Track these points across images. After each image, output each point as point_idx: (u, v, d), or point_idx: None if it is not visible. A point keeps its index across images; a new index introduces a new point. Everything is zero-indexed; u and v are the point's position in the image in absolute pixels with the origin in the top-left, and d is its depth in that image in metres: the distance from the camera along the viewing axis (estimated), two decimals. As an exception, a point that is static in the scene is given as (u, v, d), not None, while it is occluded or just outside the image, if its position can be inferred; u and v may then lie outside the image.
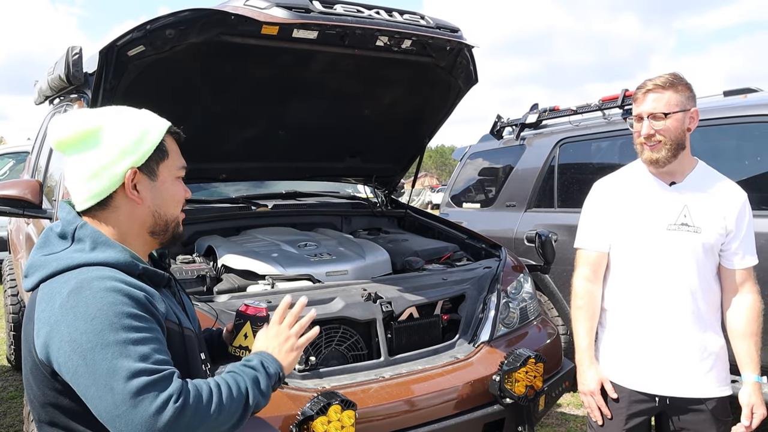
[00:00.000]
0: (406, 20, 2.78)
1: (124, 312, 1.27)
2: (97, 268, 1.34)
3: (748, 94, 4.30)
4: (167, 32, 2.64)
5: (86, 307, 1.26)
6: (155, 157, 1.47)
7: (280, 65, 3.12)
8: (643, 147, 2.22)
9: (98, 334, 1.24)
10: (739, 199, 2.23)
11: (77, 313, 1.26)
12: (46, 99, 4.92)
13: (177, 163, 1.53)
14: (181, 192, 1.55)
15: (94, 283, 1.30)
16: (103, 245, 1.40)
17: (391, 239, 3.77)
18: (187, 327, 1.50)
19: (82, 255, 1.37)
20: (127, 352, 1.23)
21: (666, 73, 2.21)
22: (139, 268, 1.41)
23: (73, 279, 1.31)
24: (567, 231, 4.57)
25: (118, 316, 1.26)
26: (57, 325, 1.27)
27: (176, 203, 1.54)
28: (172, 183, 1.52)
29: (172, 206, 1.52)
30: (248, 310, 1.77)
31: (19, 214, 3.36)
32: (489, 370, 2.78)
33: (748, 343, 2.22)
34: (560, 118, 5.42)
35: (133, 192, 1.45)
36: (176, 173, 1.53)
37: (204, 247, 3.36)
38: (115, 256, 1.39)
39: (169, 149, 1.51)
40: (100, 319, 1.25)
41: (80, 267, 1.35)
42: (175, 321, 1.45)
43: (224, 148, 3.60)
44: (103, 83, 2.75)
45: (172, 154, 1.52)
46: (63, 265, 1.35)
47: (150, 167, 1.46)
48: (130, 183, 1.44)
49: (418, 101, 3.72)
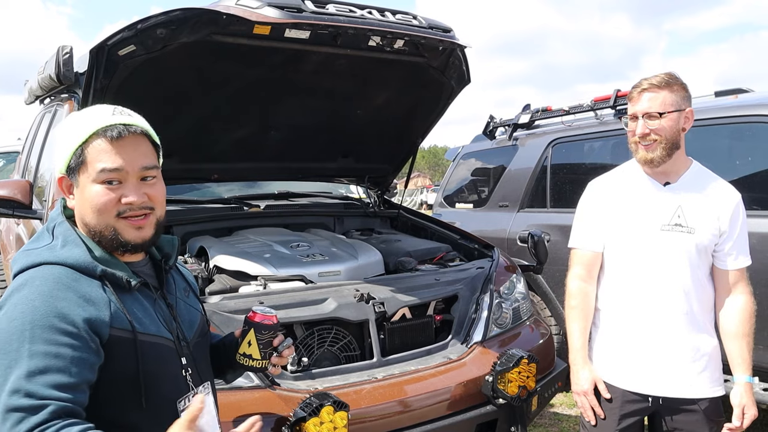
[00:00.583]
0: (398, 20, 2.78)
1: (42, 323, 1.25)
2: (51, 268, 1.35)
3: (739, 94, 4.31)
4: (158, 32, 2.63)
5: (14, 307, 1.28)
6: (73, 164, 1.42)
7: (272, 65, 3.11)
8: (638, 146, 2.22)
9: (7, 337, 1.24)
10: (733, 200, 2.23)
11: (7, 310, 1.28)
12: (37, 99, 4.89)
13: (94, 168, 1.39)
14: (103, 198, 1.40)
15: (35, 282, 1.31)
16: (70, 244, 1.40)
17: (384, 240, 3.77)
18: (147, 333, 1.41)
19: (50, 252, 1.38)
20: (20, 364, 1.21)
21: (662, 72, 2.22)
22: (98, 270, 1.38)
23: (25, 276, 1.34)
24: (559, 231, 4.58)
25: (33, 325, 1.24)
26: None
27: (96, 210, 1.41)
28: (89, 188, 1.40)
29: (92, 214, 1.41)
30: (255, 317, 1.70)
31: (8, 214, 3.34)
32: (482, 371, 2.77)
33: (740, 343, 2.22)
34: (553, 119, 5.43)
35: (70, 197, 1.47)
36: (96, 178, 1.40)
37: (196, 248, 3.35)
38: (75, 255, 1.38)
39: (91, 153, 1.40)
40: (17, 323, 1.25)
41: (42, 265, 1.36)
42: (127, 328, 1.36)
43: (216, 148, 3.58)
44: (94, 83, 2.73)
45: (93, 159, 1.40)
46: (30, 262, 1.38)
47: (72, 174, 1.44)
48: (63, 189, 1.47)
49: (410, 101, 3.71)
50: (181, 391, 1.47)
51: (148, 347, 1.40)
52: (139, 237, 1.45)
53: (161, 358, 1.44)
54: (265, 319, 1.70)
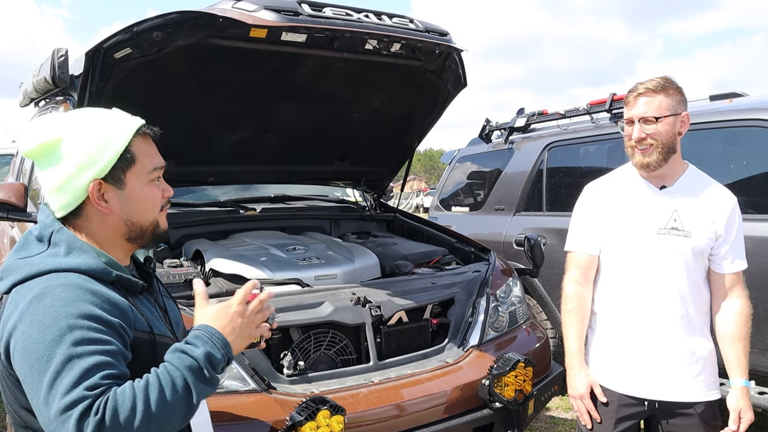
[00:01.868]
0: (395, 24, 2.78)
1: (78, 325, 1.24)
2: (66, 275, 1.32)
3: (733, 98, 4.33)
4: (154, 35, 2.62)
5: (43, 316, 1.24)
6: (120, 165, 1.41)
7: (268, 68, 3.11)
8: (634, 150, 2.22)
9: (47, 345, 1.22)
10: (729, 204, 2.24)
11: (33, 320, 1.24)
12: (32, 101, 4.87)
13: (148, 167, 1.46)
14: (155, 195, 1.49)
15: (57, 290, 1.28)
16: (77, 250, 1.38)
17: (380, 243, 3.76)
18: (161, 334, 1.44)
19: (55, 260, 1.35)
20: (70, 367, 1.20)
21: (657, 76, 2.22)
22: (113, 275, 1.38)
23: (39, 285, 1.30)
24: (555, 234, 4.59)
25: (71, 329, 1.23)
26: (15, 331, 1.26)
27: (150, 208, 1.48)
28: (142, 189, 1.45)
29: (145, 212, 1.47)
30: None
31: (3, 217, 3.33)
32: (478, 375, 2.77)
33: (737, 347, 2.22)
34: (549, 122, 5.44)
35: (100, 203, 1.41)
36: (148, 177, 1.46)
37: (192, 251, 3.34)
38: (88, 262, 1.36)
39: (138, 153, 1.44)
40: (53, 330, 1.23)
41: (50, 273, 1.32)
42: (146, 329, 1.40)
43: (212, 151, 3.58)
44: (89, 86, 2.72)
45: (142, 158, 1.44)
46: (34, 270, 1.34)
47: (116, 176, 1.41)
48: (94, 195, 1.40)
49: (407, 105, 3.72)
50: None
51: (161, 348, 1.41)
52: (167, 225, 1.56)
53: None
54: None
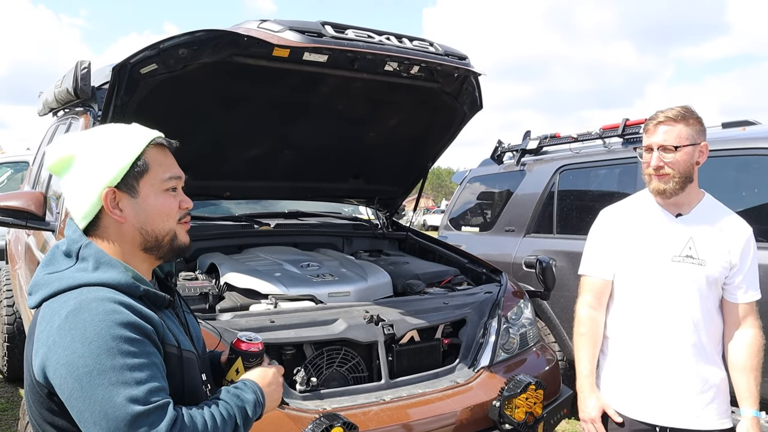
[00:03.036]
0: (415, 47, 2.82)
1: (122, 336, 1.26)
2: (97, 289, 1.33)
3: (746, 126, 4.35)
4: (180, 51, 2.67)
5: (84, 330, 1.25)
6: (133, 173, 1.43)
7: (288, 86, 3.15)
8: (652, 177, 2.25)
9: (95, 359, 1.23)
10: (745, 234, 2.26)
11: (75, 335, 1.25)
12: (51, 111, 4.94)
13: (161, 176, 1.47)
14: (170, 204, 1.48)
15: (92, 304, 1.29)
16: (105, 265, 1.39)
17: (392, 261, 3.78)
18: (186, 349, 1.47)
19: (85, 275, 1.37)
20: (123, 378, 1.23)
21: (678, 105, 2.24)
22: (141, 289, 1.40)
23: (73, 299, 1.31)
24: (566, 257, 4.60)
25: (116, 341, 1.25)
26: (54, 347, 1.26)
27: (164, 217, 1.47)
28: (156, 197, 1.46)
29: (158, 221, 1.47)
30: (241, 346, 1.67)
31: (22, 225, 3.37)
32: (489, 396, 2.78)
33: (748, 377, 2.23)
34: (561, 145, 5.48)
35: (115, 211, 1.44)
36: (162, 186, 1.47)
37: (206, 265, 3.37)
38: (117, 277, 1.38)
39: (152, 162, 1.46)
40: (98, 343, 1.24)
41: (81, 287, 1.34)
42: (174, 344, 1.42)
43: (230, 166, 3.62)
44: (114, 99, 2.77)
45: (155, 167, 1.46)
46: (65, 285, 1.35)
47: (129, 184, 1.43)
48: (108, 203, 1.43)
49: (422, 125, 3.76)
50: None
51: (186, 362, 1.44)
52: (188, 239, 1.55)
53: (194, 372, 1.49)
54: (252, 346, 1.67)
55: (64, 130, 4.40)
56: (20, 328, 5.11)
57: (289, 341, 2.64)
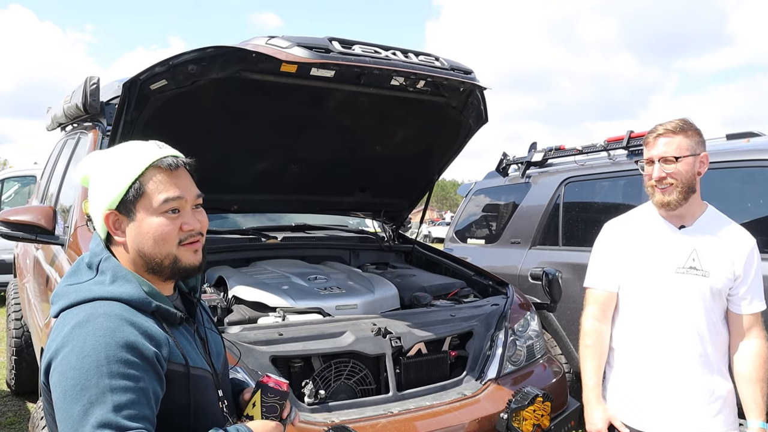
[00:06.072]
0: (421, 61, 2.85)
1: (116, 357, 1.27)
2: (109, 304, 1.36)
3: (750, 138, 4.37)
4: (190, 68, 2.71)
5: (83, 343, 1.28)
6: (129, 197, 1.44)
7: (296, 101, 3.18)
8: (654, 190, 2.27)
9: (83, 373, 1.25)
10: (748, 245, 2.28)
11: (74, 346, 1.28)
12: (60, 126, 5.00)
13: (157, 199, 1.44)
14: (164, 228, 1.44)
15: (99, 319, 1.32)
16: (121, 279, 1.42)
17: (399, 274, 3.80)
18: (195, 366, 1.46)
19: (101, 288, 1.40)
20: (103, 399, 1.24)
21: (676, 118, 2.29)
22: (153, 305, 1.42)
23: (84, 312, 1.34)
24: (571, 269, 4.60)
25: (108, 360, 1.27)
26: (56, 354, 1.31)
27: (160, 241, 1.45)
28: (151, 221, 1.44)
29: (154, 245, 1.45)
30: (267, 381, 1.64)
31: (31, 239, 3.41)
32: (496, 408, 2.79)
33: (754, 388, 2.24)
34: (566, 158, 5.50)
35: (117, 233, 1.47)
36: (158, 209, 1.44)
37: (214, 278, 3.39)
38: (130, 292, 1.40)
39: (148, 185, 1.44)
40: (90, 359, 1.26)
41: (95, 300, 1.37)
42: (181, 362, 1.42)
43: (237, 180, 3.65)
44: (124, 115, 2.80)
45: (152, 191, 1.44)
46: (81, 297, 1.39)
47: (127, 207, 1.45)
48: (110, 225, 1.47)
49: (428, 139, 3.79)
50: (220, 422, 1.50)
51: (195, 380, 1.45)
52: (197, 260, 1.52)
53: (206, 390, 1.49)
54: (277, 384, 1.65)
55: (72, 144, 4.44)
56: (28, 342, 5.12)
57: (297, 354, 2.66)
